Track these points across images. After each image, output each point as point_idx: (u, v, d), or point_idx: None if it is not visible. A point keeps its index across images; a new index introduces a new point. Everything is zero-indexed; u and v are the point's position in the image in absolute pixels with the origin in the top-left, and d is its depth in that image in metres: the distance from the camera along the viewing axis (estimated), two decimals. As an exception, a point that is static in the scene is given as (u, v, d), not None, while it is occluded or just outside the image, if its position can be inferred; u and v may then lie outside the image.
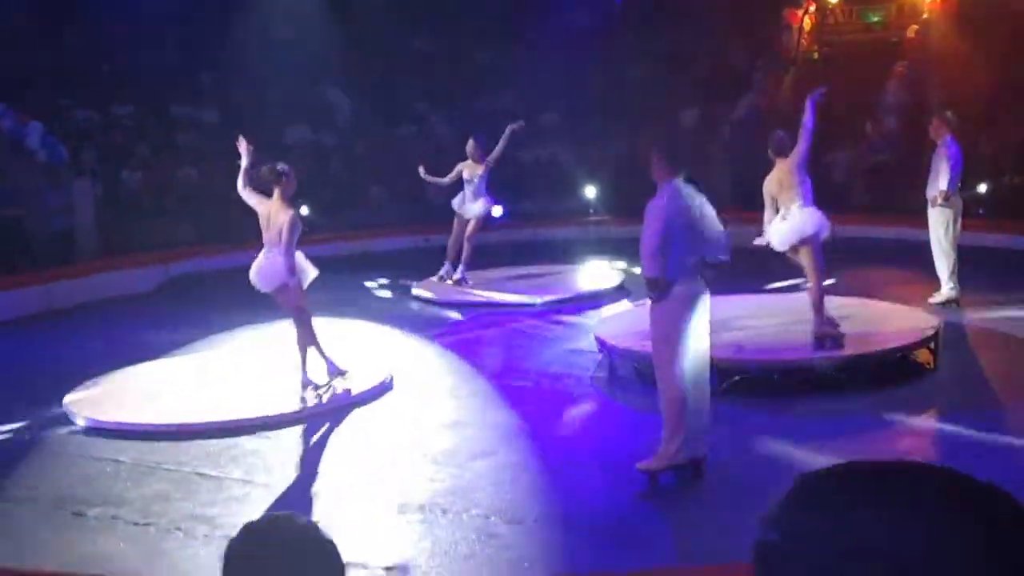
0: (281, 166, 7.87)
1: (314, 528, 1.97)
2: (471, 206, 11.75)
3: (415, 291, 12.12)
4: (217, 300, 12.01)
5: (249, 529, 1.96)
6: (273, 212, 7.74)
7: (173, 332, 10.51)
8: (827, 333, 7.97)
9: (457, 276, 11.91)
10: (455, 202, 11.89)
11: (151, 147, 15.41)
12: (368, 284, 13.06)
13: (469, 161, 11.73)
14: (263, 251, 7.91)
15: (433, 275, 12.22)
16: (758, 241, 8.36)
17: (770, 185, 8.18)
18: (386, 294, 12.61)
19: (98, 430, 7.53)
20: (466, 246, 11.83)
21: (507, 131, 11.66)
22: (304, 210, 15.65)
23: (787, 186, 8.02)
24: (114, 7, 16.05)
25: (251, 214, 8.06)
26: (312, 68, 17.46)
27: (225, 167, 15.31)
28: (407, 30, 18.50)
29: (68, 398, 8.05)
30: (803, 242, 8.03)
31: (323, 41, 17.49)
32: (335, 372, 8.13)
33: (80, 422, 7.66)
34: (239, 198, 8.13)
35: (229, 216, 12.62)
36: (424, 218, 15.72)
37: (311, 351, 8.02)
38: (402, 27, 18.29)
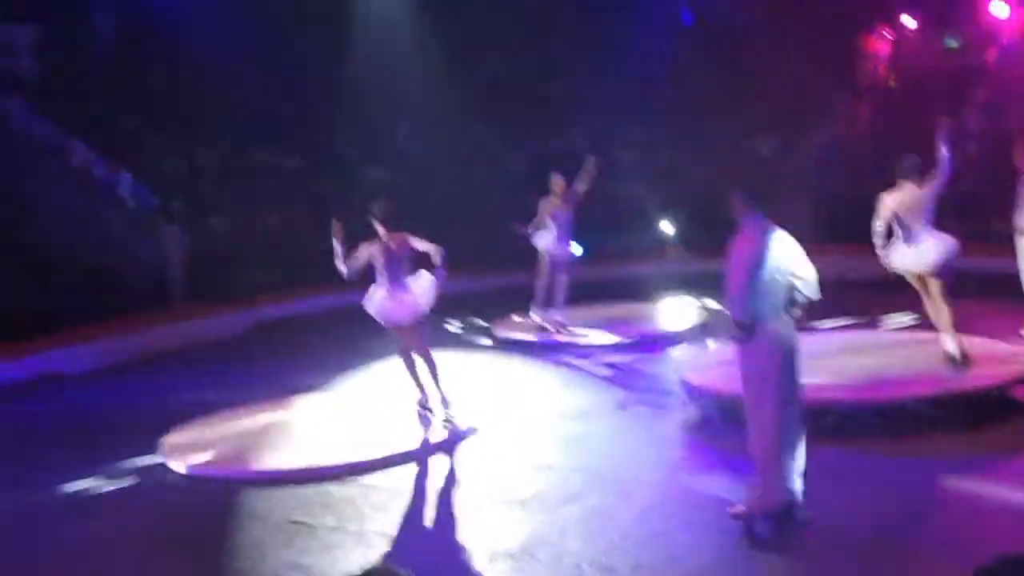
0: (386, 203, 8.40)
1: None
2: (561, 246, 11.62)
3: (496, 331, 12.18)
4: (305, 344, 12.24)
5: None
6: (395, 244, 8.08)
7: (263, 377, 10.71)
8: (966, 354, 8.09)
9: (547, 318, 11.78)
10: (541, 242, 11.70)
11: (235, 194, 15.82)
12: (448, 325, 13.16)
13: (552, 198, 11.63)
14: (382, 288, 8.16)
15: (516, 314, 12.28)
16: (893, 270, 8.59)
17: (895, 204, 8.35)
18: (467, 334, 12.69)
19: (193, 477, 7.69)
20: (556, 287, 11.68)
21: (589, 164, 11.55)
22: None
23: (917, 211, 8.29)
24: (191, 46, 16.50)
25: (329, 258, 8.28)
26: (386, 106, 17.76)
27: (306, 212, 15.74)
28: (475, 65, 18.68)
29: (163, 445, 8.25)
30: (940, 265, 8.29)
31: (395, 77, 17.77)
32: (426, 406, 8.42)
33: (176, 468, 7.83)
34: (321, 241, 8.38)
35: (312, 260, 12.87)
36: (500, 259, 15.82)
37: (424, 381, 8.31)
38: (469, 61, 18.47)
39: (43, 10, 16.34)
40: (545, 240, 11.65)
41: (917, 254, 8.27)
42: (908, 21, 17.54)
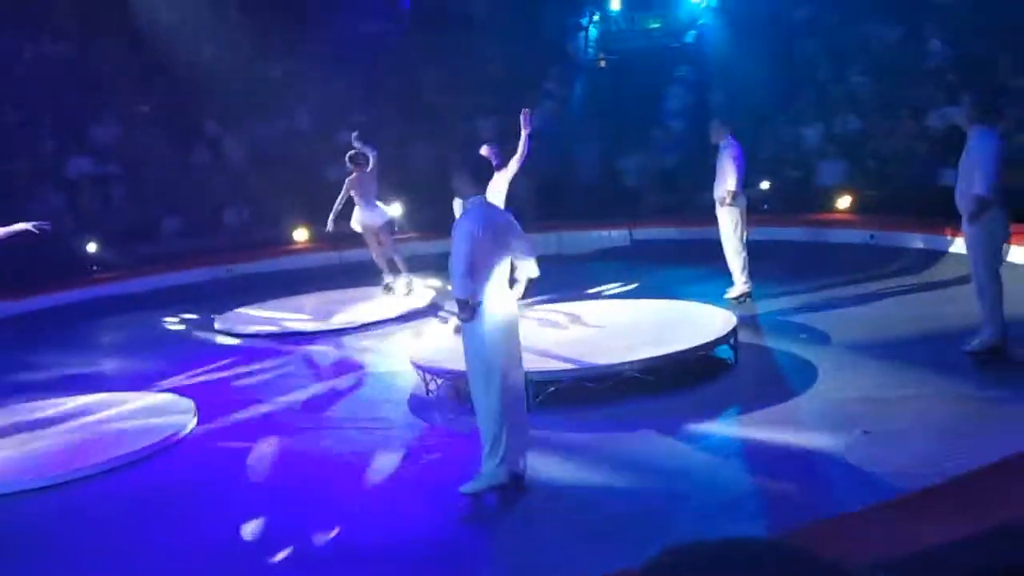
0: None
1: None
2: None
3: (218, 324, 11.69)
4: (12, 346, 11.32)
5: None
6: None
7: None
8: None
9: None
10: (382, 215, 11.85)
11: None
12: (168, 320, 12.51)
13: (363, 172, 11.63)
14: None
15: (235, 306, 11.92)
16: None
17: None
18: (187, 329, 12.08)
19: None
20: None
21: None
22: (92, 247, 14.94)
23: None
24: None
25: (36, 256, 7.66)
26: (90, 91, 16.64)
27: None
28: (192, 46, 17.84)
29: None
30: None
31: (100, 60, 16.67)
32: None
33: None
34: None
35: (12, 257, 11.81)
36: (222, 247, 15.25)
37: None
38: (187, 43, 17.63)
39: None
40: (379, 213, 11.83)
41: None
42: (614, 4, 18.40)
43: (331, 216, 11.61)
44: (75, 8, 17.40)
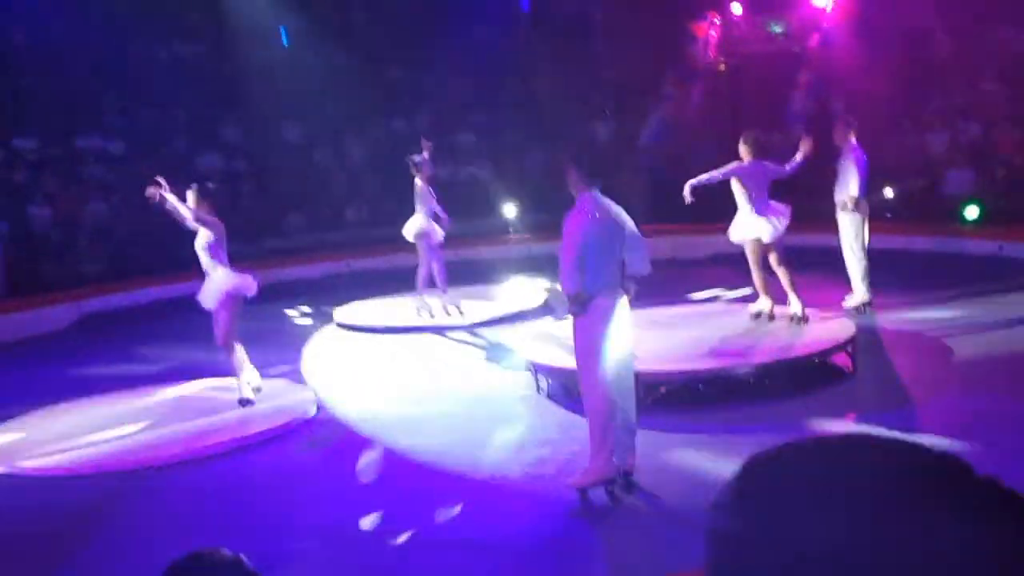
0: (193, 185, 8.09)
1: (239, 562, 1.93)
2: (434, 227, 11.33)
3: (337, 317, 12.00)
4: (131, 336, 11.77)
5: (174, 567, 1.92)
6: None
7: (87, 371, 10.24)
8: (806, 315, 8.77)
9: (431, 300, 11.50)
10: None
11: (58, 181, 15.00)
12: (289, 312, 12.90)
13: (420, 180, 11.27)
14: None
15: (353, 300, 12.19)
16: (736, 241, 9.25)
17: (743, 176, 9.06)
18: (308, 321, 12.45)
19: (11, 476, 7.29)
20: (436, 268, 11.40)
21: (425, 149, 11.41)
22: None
23: (763, 185, 9.06)
24: (12, 31, 15.68)
25: (160, 246, 7.97)
26: (220, 91, 17.26)
27: (134, 200, 15.06)
28: (317, 48, 18.35)
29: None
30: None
31: (230, 62, 17.29)
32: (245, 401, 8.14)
33: (-7, 469, 7.41)
34: (150, 231, 8.10)
35: (140, 250, 12.37)
36: (342, 243, 15.64)
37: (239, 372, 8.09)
38: (312, 45, 18.16)
39: None
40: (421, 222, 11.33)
41: (761, 224, 8.85)
42: (736, 8, 18.14)
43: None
44: (207, 10, 18.10)
